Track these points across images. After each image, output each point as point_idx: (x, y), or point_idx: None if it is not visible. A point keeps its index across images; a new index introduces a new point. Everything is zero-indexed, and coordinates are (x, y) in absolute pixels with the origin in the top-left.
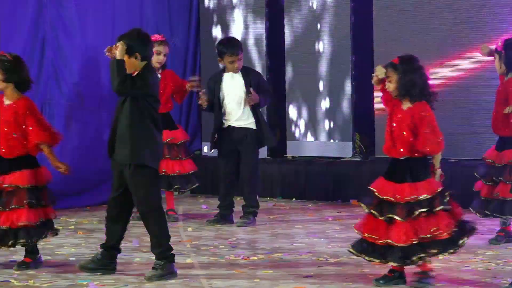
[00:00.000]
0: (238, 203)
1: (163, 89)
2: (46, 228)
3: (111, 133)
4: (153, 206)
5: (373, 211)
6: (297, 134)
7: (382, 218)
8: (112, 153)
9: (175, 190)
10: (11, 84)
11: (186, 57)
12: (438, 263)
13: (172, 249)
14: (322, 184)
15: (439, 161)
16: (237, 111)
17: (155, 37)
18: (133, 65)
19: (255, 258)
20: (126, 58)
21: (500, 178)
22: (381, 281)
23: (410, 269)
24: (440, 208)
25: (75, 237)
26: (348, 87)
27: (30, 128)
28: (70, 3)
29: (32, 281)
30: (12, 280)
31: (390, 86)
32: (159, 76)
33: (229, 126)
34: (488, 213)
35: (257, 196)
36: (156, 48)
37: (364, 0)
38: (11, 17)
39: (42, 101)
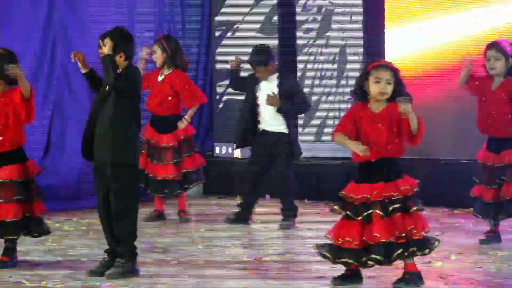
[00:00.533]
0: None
1: (160, 91)
2: (30, 224)
3: (87, 132)
4: (131, 204)
5: (349, 213)
6: (309, 135)
7: (358, 219)
8: (87, 153)
9: (184, 189)
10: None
11: (198, 58)
12: (450, 263)
13: (136, 248)
14: (334, 184)
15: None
16: (270, 115)
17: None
18: (120, 63)
19: (268, 259)
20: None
21: (504, 178)
22: (338, 280)
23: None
24: (414, 208)
25: (87, 238)
26: None
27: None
28: (82, 3)
29: (44, 282)
30: (24, 281)
31: (388, 89)
32: (163, 76)
33: (263, 130)
34: (504, 216)
35: (293, 199)
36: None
37: None
38: (23, 17)
39: (53, 101)
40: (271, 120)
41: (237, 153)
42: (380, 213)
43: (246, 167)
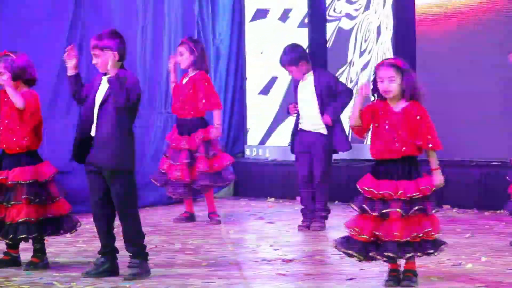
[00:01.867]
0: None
1: (186, 93)
2: (54, 225)
3: (81, 137)
4: (133, 206)
5: (364, 206)
6: None
7: (374, 214)
8: (80, 158)
9: (203, 189)
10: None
11: (229, 59)
12: (481, 265)
13: (146, 247)
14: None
15: (437, 160)
16: (308, 115)
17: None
18: (113, 63)
19: (298, 260)
20: (105, 57)
21: None
22: (391, 282)
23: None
24: (434, 210)
25: (117, 239)
26: None
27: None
28: (106, 6)
29: (74, 283)
30: (55, 283)
31: (391, 86)
32: (188, 78)
33: (301, 129)
34: None
35: (327, 201)
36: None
37: None
38: (48, 20)
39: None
40: (309, 120)
41: (268, 155)
42: (401, 212)
43: (294, 167)
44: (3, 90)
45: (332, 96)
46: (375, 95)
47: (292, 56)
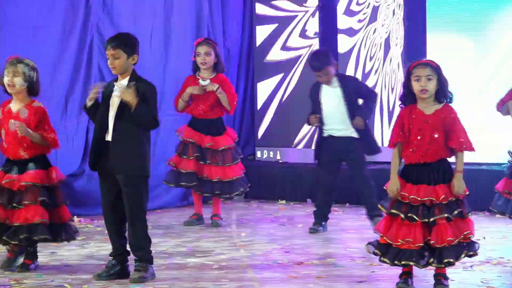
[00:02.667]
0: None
1: (208, 94)
2: (55, 232)
3: (99, 143)
4: (144, 211)
5: (410, 214)
6: None
7: (424, 220)
8: (95, 165)
9: (215, 195)
10: (26, 87)
11: (240, 61)
12: (492, 268)
13: (151, 251)
14: (375, 188)
15: (463, 163)
16: (335, 120)
17: (197, 40)
18: (128, 66)
19: (309, 263)
20: (124, 58)
21: None
22: (404, 284)
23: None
24: (469, 212)
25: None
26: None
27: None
28: (118, 7)
29: (85, 286)
30: (66, 285)
31: (429, 85)
32: (209, 80)
33: (330, 135)
34: None
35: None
36: (196, 50)
37: None
38: (60, 23)
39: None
40: (338, 125)
41: (278, 157)
42: (449, 216)
43: (317, 174)
44: (7, 101)
45: (359, 99)
46: (402, 100)
47: (317, 62)
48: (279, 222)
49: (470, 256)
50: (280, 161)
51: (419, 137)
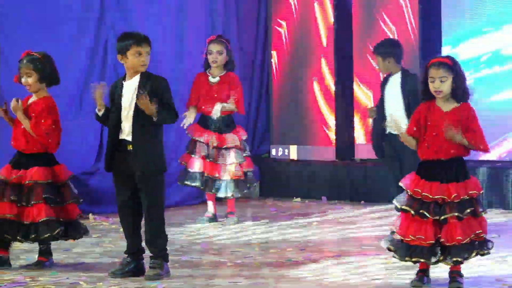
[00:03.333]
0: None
1: (217, 92)
2: (67, 229)
3: (113, 143)
4: (162, 207)
5: (422, 211)
6: (365, 137)
7: (433, 218)
8: (112, 164)
9: (213, 193)
10: (44, 83)
11: (254, 58)
12: (507, 266)
13: (167, 249)
14: (391, 186)
15: (465, 142)
16: (394, 115)
17: (209, 37)
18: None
19: (323, 260)
20: (132, 57)
21: None
22: (419, 282)
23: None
24: (482, 210)
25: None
26: None
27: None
28: (133, 6)
29: (100, 283)
30: (81, 283)
31: (443, 86)
32: (219, 78)
33: (389, 132)
34: None
35: None
36: (208, 48)
37: None
38: (75, 20)
39: (105, 104)
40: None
41: (293, 155)
42: (459, 215)
43: (386, 171)
44: (29, 96)
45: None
46: (423, 96)
47: (384, 48)
48: (294, 219)
49: (482, 255)
50: (295, 159)
51: (434, 133)
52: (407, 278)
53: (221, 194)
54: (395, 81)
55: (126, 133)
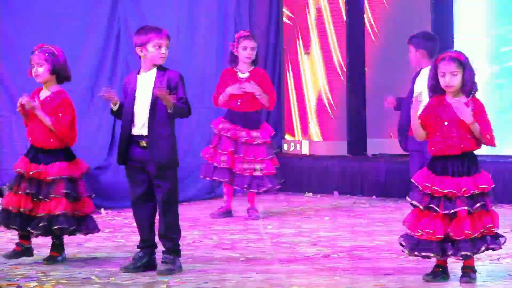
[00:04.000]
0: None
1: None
2: (80, 223)
3: (126, 137)
4: (176, 201)
5: (432, 205)
6: (377, 132)
7: (445, 212)
8: (125, 160)
9: (243, 189)
10: (54, 76)
11: (267, 55)
12: None
13: (180, 244)
14: (402, 181)
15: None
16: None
17: (240, 33)
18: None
19: (335, 255)
20: (152, 49)
21: None
22: (430, 277)
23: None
24: (493, 205)
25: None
26: None
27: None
28: (145, 0)
29: (113, 278)
30: (93, 277)
31: (454, 81)
32: (248, 73)
33: None
34: None
35: None
36: (242, 44)
37: None
38: (86, 13)
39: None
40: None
41: (305, 149)
42: (469, 209)
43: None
44: (38, 89)
45: None
46: (431, 90)
47: (417, 39)
48: (305, 214)
49: (493, 249)
50: (307, 154)
51: (445, 128)
52: (420, 273)
53: (252, 190)
54: (425, 75)
55: (140, 126)
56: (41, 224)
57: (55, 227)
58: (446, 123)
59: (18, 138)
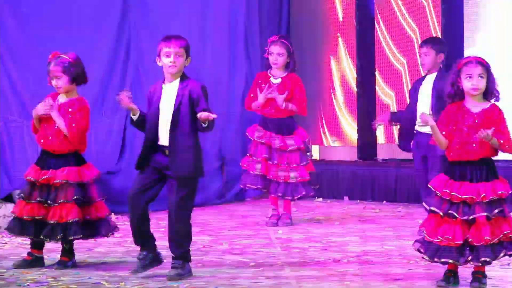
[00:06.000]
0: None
1: (280, 93)
2: (91, 228)
3: (149, 145)
4: (191, 209)
5: (450, 211)
6: (387, 137)
7: (464, 218)
8: (144, 164)
9: (278, 197)
10: (74, 83)
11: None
12: None
13: (190, 250)
14: (412, 186)
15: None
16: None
17: (271, 38)
18: (183, 67)
19: (345, 260)
20: (183, 59)
21: None
22: (444, 282)
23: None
24: (510, 211)
25: (165, 239)
26: None
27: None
28: (155, 6)
29: (123, 283)
30: (103, 282)
31: (481, 83)
32: (280, 79)
33: (417, 131)
34: None
35: None
36: (270, 49)
37: None
38: (96, 20)
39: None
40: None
41: (315, 155)
42: (488, 214)
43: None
44: (55, 94)
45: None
46: (450, 97)
47: (440, 44)
48: (315, 219)
49: (510, 255)
50: (317, 159)
51: (464, 135)
52: (431, 278)
53: (287, 197)
54: (431, 78)
55: (163, 137)
56: (58, 237)
57: (70, 237)
58: (465, 129)
59: (29, 144)
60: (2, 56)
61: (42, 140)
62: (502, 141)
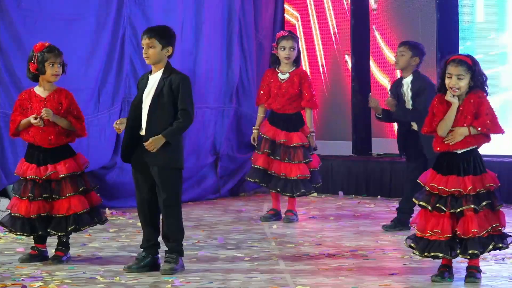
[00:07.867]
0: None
1: (287, 89)
2: (92, 216)
3: (132, 136)
4: (179, 202)
5: (438, 205)
6: (382, 132)
7: (451, 211)
8: (128, 157)
9: (278, 192)
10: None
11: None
12: None
13: (183, 244)
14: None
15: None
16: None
17: (279, 33)
18: (162, 58)
19: (340, 255)
20: (158, 49)
21: None
22: (439, 277)
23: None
24: (499, 204)
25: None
26: None
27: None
28: (151, 0)
29: (117, 278)
30: (98, 277)
31: (459, 84)
32: (288, 74)
33: (413, 129)
34: None
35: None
36: (280, 44)
37: None
38: (92, 14)
39: (121, 98)
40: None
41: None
42: (475, 207)
43: (402, 165)
44: (28, 90)
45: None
46: (438, 89)
47: (419, 48)
48: (310, 214)
49: (500, 248)
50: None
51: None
52: (425, 273)
53: (287, 193)
54: (408, 81)
55: (144, 127)
56: (70, 228)
57: (82, 228)
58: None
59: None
60: (2, 50)
61: (34, 137)
62: (484, 127)
